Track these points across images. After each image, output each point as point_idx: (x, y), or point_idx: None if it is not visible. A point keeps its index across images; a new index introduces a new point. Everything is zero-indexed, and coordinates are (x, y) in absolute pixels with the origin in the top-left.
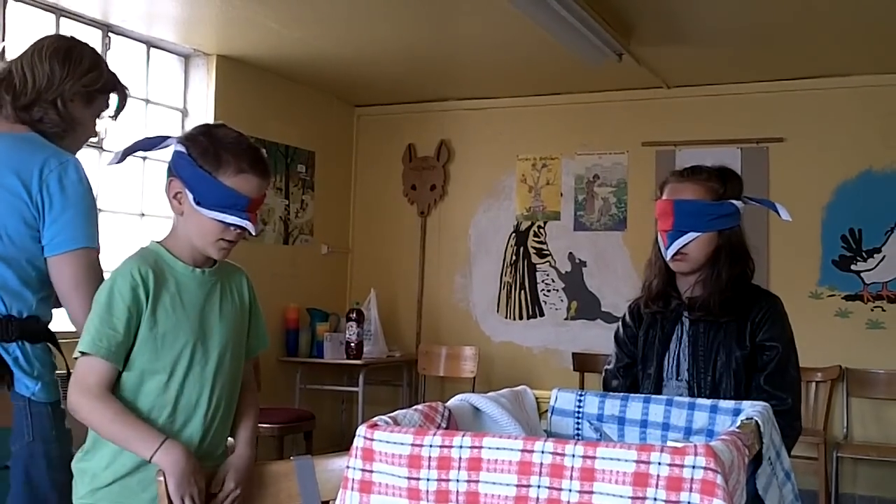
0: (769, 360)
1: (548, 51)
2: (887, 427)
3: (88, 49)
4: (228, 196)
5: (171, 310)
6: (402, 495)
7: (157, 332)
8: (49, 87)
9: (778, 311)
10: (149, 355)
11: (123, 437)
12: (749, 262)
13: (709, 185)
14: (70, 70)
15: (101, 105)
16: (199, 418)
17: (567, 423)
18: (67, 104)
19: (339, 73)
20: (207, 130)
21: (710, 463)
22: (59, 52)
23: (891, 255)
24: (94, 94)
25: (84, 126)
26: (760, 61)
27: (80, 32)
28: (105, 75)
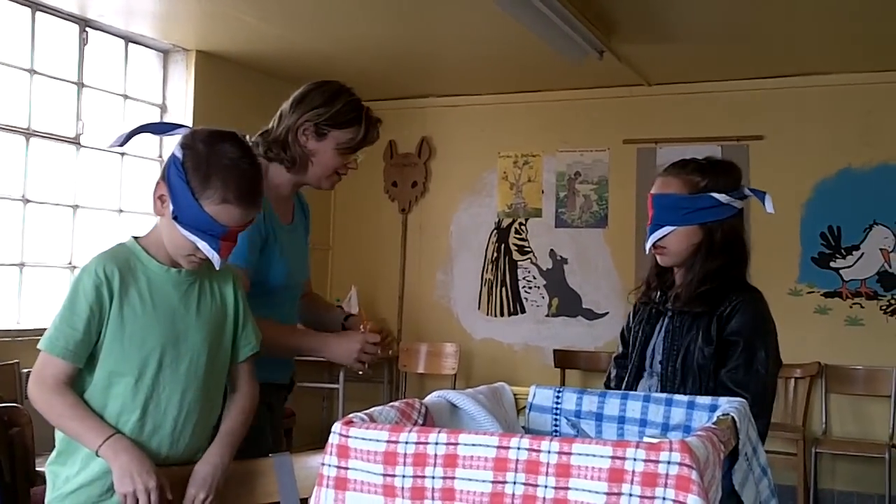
0: (731, 355)
1: (529, 48)
2: (865, 423)
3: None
4: (205, 221)
5: (139, 310)
6: (378, 492)
7: (124, 332)
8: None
9: (749, 305)
10: (116, 356)
11: (74, 430)
12: (733, 256)
13: (688, 178)
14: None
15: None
16: (170, 422)
17: (545, 420)
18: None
19: (320, 69)
20: (211, 139)
21: (685, 459)
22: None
23: (869, 252)
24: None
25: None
26: (741, 60)
27: (57, 27)
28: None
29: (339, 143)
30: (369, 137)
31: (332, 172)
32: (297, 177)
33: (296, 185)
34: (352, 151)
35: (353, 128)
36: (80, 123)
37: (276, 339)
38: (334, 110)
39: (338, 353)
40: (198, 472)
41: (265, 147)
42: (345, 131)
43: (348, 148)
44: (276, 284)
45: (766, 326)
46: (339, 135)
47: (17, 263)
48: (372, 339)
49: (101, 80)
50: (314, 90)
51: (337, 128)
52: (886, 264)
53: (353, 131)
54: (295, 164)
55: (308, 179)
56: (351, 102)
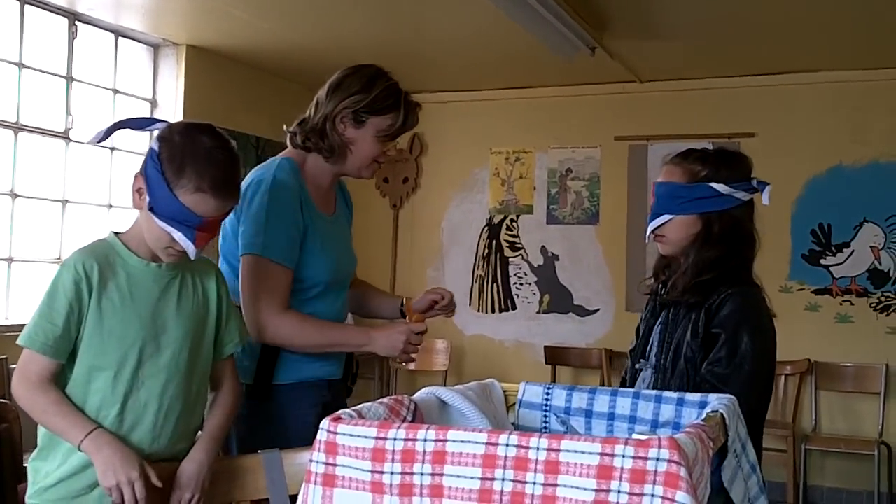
0: (716, 350)
1: (521, 44)
2: (855, 420)
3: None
4: (180, 212)
5: (119, 304)
6: (366, 489)
7: (103, 326)
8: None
9: (737, 297)
10: (95, 350)
11: (56, 426)
12: (731, 248)
13: (689, 167)
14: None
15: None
16: (151, 417)
17: (535, 417)
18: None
19: (311, 64)
20: (187, 131)
21: (673, 455)
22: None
23: (859, 249)
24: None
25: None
26: (732, 57)
27: (46, 20)
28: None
29: (378, 131)
30: (408, 123)
31: (371, 161)
32: (336, 166)
33: (335, 175)
34: (391, 138)
35: (392, 114)
36: (70, 118)
37: (319, 337)
38: (372, 96)
39: (383, 346)
40: (183, 471)
41: (302, 137)
42: (384, 118)
43: (388, 135)
44: (319, 279)
45: (755, 320)
46: (378, 121)
47: (5, 258)
48: (417, 328)
49: (90, 74)
50: (351, 76)
51: (376, 114)
52: (876, 262)
53: (393, 117)
54: (333, 153)
55: (347, 169)
56: (389, 87)
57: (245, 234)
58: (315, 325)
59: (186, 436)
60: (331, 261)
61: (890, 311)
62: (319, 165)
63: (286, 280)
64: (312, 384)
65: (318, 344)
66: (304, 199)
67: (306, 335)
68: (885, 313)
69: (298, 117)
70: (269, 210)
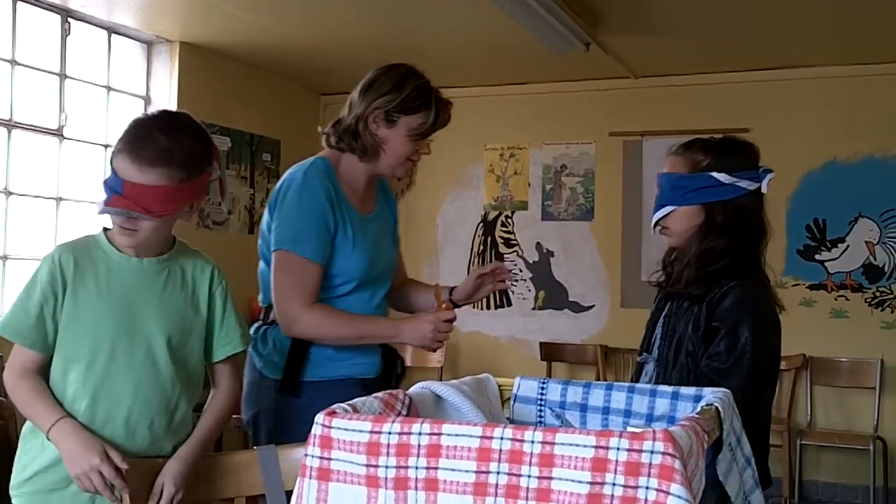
0: (715, 343)
1: (515, 40)
2: (850, 414)
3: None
4: (112, 179)
5: (94, 296)
6: (361, 483)
7: (78, 318)
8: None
9: (740, 289)
10: (70, 341)
11: (30, 414)
12: (735, 239)
13: (691, 157)
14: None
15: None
16: (124, 412)
17: (529, 411)
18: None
19: (305, 60)
20: (136, 119)
21: (668, 448)
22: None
23: (854, 244)
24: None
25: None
26: (727, 52)
27: (38, 17)
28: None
29: (409, 129)
30: (440, 121)
31: (404, 160)
32: (370, 166)
33: (370, 175)
34: (423, 137)
35: (423, 112)
36: (63, 115)
37: (347, 329)
38: (403, 95)
39: (412, 336)
40: (165, 469)
41: (336, 137)
42: (415, 116)
43: (419, 133)
44: (351, 276)
45: (756, 313)
46: (409, 120)
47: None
48: (444, 316)
49: (83, 71)
50: (382, 76)
51: (407, 113)
52: (871, 257)
53: (424, 116)
54: (367, 152)
55: (381, 168)
56: (420, 86)
57: (276, 230)
58: (343, 317)
59: (171, 435)
60: (363, 258)
61: (885, 306)
62: (354, 165)
63: (315, 275)
64: (342, 382)
65: (347, 336)
66: (335, 197)
67: (334, 328)
68: (879, 308)
69: (333, 118)
70: (298, 207)
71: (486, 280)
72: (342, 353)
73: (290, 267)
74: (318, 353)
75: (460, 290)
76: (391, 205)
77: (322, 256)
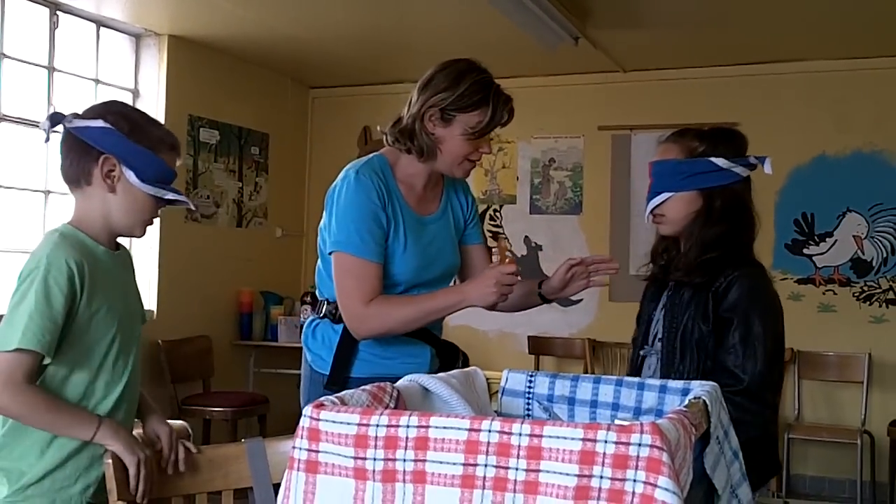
0: (727, 333)
1: (504, 34)
2: (837, 409)
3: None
4: (166, 172)
5: (102, 296)
6: (349, 475)
7: (93, 320)
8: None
9: (745, 279)
10: (80, 346)
11: (63, 423)
12: (734, 225)
13: (686, 143)
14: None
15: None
16: (134, 402)
17: (517, 404)
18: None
19: (294, 54)
20: (121, 105)
21: (655, 441)
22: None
23: (842, 239)
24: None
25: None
26: (715, 46)
27: (27, 10)
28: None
29: (466, 129)
30: (497, 118)
31: (462, 160)
32: (429, 166)
33: (431, 175)
34: (480, 136)
35: (480, 110)
36: (51, 108)
37: (413, 310)
38: (459, 92)
39: (477, 296)
40: (162, 432)
41: (394, 137)
42: (471, 115)
43: (476, 133)
44: (400, 278)
45: (764, 301)
46: (465, 119)
47: None
48: (507, 269)
49: (72, 64)
50: (439, 72)
51: (463, 111)
52: (859, 251)
53: (480, 114)
54: (423, 153)
55: (439, 168)
56: (478, 82)
57: (330, 232)
58: (403, 301)
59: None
60: (413, 262)
61: (873, 301)
62: (412, 164)
63: (373, 274)
64: (389, 380)
65: (415, 317)
66: (388, 197)
67: (398, 315)
68: (867, 302)
69: (395, 116)
70: (349, 207)
71: (580, 273)
72: (390, 350)
73: (347, 269)
74: (366, 351)
75: (549, 284)
76: (463, 203)
77: (378, 255)
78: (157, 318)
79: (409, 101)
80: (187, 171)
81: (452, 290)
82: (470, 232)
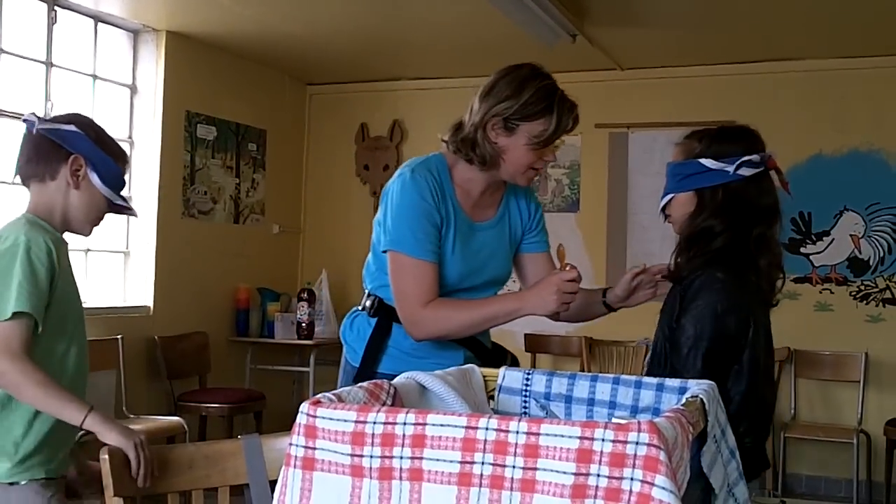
0: (677, 336)
1: (502, 31)
2: (833, 408)
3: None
4: (121, 180)
5: (68, 276)
6: (346, 472)
7: (66, 296)
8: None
9: (699, 283)
10: (55, 321)
11: (54, 401)
12: (719, 225)
13: (687, 145)
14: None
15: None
16: (86, 373)
17: (514, 402)
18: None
19: (292, 50)
20: (87, 117)
21: (653, 439)
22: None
23: (839, 238)
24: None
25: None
26: (713, 44)
27: (25, 5)
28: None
29: (530, 138)
30: (562, 126)
31: (526, 169)
32: (490, 174)
33: (490, 183)
34: (545, 145)
35: (545, 119)
36: (49, 104)
37: (470, 315)
38: (522, 101)
39: (536, 304)
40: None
41: (455, 146)
42: (535, 123)
43: (541, 141)
44: (444, 281)
45: (703, 305)
46: (529, 128)
47: None
48: (567, 276)
49: (70, 59)
50: (502, 79)
51: (526, 120)
52: (856, 250)
53: (545, 122)
54: (485, 162)
55: (502, 176)
56: (541, 89)
57: (386, 230)
58: (461, 305)
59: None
60: (458, 267)
61: (869, 300)
62: (470, 170)
63: (429, 274)
64: None
65: (472, 324)
66: (443, 197)
67: (456, 320)
68: (864, 302)
69: (455, 121)
70: (403, 205)
71: (645, 282)
72: (421, 350)
73: (402, 269)
74: (396, 348)
75: (614, 293)
76: (523, 210)
77: (434, 254)
78: (153, 314)
79: (470, 108)
80: (184, 168)
81: (511, 296)
82: (533, 240)
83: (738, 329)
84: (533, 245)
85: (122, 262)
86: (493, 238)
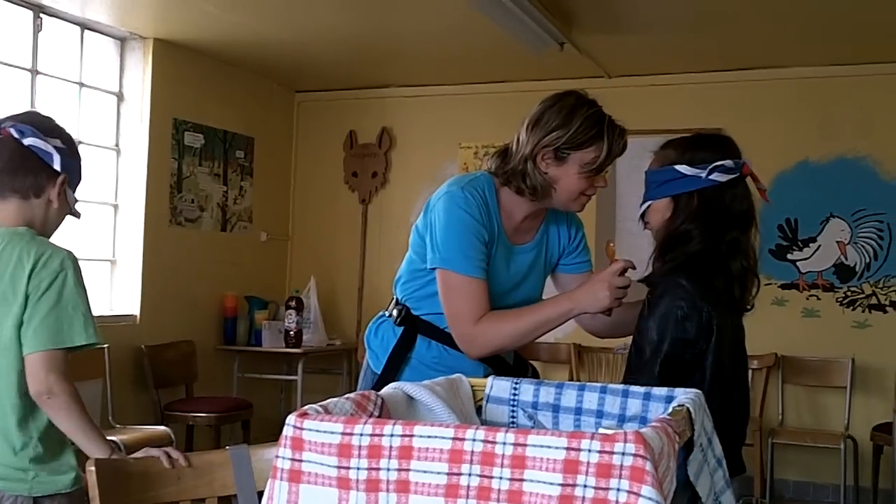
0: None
1: (490, 39)
2: (821, 413)
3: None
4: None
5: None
6: (332, 484)
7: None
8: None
9: (661, 287)
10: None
11: (90, 432)
12: (702, 231)
13: (663, 153)
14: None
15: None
16: None
17: (502, 412)
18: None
19: (279, 57)
20: (60, 126)
21: (639, 450)
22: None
23: (826, 244)
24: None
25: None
26: (700, 52)
27: (10, 13)
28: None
29: (582, 166)
30: (613, 153)
31: (577, 195)
32: (536, 203)
33: (535, 211)
34: (598, 172)
35: (595, 146)
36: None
37: (522, 325)
38: (572, 130)
39: (589, 302)
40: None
41: (504, 178)
42: (587, 151)
43: (593, 169)
44: None
45: (665, 311)
46: (581, 156)
47: None
48: (615, 268)
49: (56, 67)
50: (549, 109)
51: (578, 148)
52: (843, 257)
53: (596, 150)
54: (537, 194)
55: (554, 205)
56: (590, 117)
57: (433, 247)
58: (511, 315)
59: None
60: (495, 286)
61: (856, 306)
62: (514, 196)
63: (479, 291)
64: None
65: (525, 331)
66: (489, 217)
67: (508, 330)
68: (851, 308)
69: (499, 148)
70: (452, 222)
71: None
72: (443, 363)
73: (452, 287)
74: (418, 359)
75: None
76: (563, 234)
77: (482, 270)
78: (140, 322)
79: (517, 139)
80: (172, 175)
81: (562, 297)
82: (575, 261)
83: (697, 334)
84: (576, 266)
85: (108, 270)
86: (529, 261)
